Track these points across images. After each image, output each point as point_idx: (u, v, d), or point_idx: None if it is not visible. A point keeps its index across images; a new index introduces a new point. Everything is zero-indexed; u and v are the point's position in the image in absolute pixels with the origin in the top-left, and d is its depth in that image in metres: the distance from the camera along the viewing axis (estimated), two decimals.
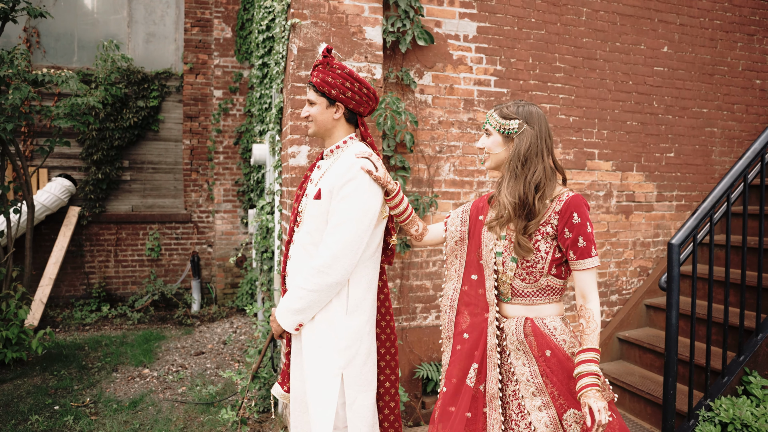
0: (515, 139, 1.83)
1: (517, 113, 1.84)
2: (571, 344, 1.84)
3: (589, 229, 1.77)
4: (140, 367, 5.09)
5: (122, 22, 7.40)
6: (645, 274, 4.42)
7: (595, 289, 1.81)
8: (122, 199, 7.29)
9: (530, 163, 1.81)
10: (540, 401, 1.82)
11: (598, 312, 1.79)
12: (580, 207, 1.78)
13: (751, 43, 4.71)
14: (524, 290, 1.88)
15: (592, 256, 1.78)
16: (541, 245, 1.82)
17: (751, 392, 3.21)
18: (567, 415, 1.79)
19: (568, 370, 1.80)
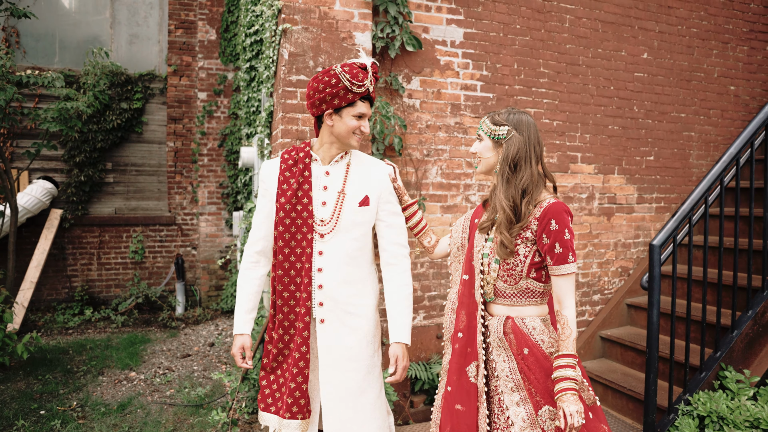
0: (504, 144, 1.92)
1: (507, 120, 1.92)
2: (550, 344, 1.91)
3: (566, 236, 1.82)
4: (126, 370, 5.06)
5: (105, 23, 7.34)
6: (626, 274, 4.54)
7: (571, 295, 1.86)
8: (105, 202, 7.22)
9: (519, 168, 1.89)
10: (518, 397, 1.90)
11: (574, 318, 1.85)
12: (559, 214, 1.83)
13: (726, 51, 4.87)
14: (506, 291, 1.96)
15: (569, 263, 1.83)
16: (521, 249, 1.90)
17: (727, 386, 3.34)
18: (542, 411, 1.86)
19: (546, 368, 1.87)
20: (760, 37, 5.04)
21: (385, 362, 3.38)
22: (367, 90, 2.01)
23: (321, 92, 1.98)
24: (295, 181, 2.05)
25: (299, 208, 2.03)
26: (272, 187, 2.10)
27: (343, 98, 1.98)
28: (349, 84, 1.96)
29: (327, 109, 2.01)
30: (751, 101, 5.04)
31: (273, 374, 2.06)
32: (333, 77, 1.97)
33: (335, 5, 3.43)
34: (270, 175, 2.12)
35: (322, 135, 2.11)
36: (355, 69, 1.99)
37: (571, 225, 1.85)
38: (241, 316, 2.05)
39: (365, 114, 2.04)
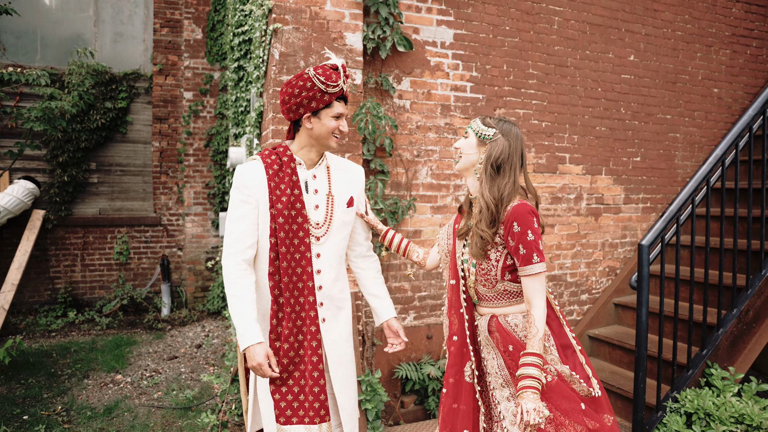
0: (488, 144, 1.98)
1: (497, 125, 2.00)
2: None
3: (530, 237, 1.86)
4: (112, 372, 4.99)
5: (88, 21, 7.24)
6: (613, 274, 4.60)
7: (540, 295, 1.89)
8: (89, 202, 7.12)
9: (503, 171, 1.94)
10: (508, 392, 1.96)
11: (542, 317, 1.88)
12: (522, 216, 1.87)
13: (709, 54, 4.95)
14: (486, 294, 2.04)
15: (534, 263, 1.86)
16: (492, 254, 1.96)
17: (713, 383, 3.40)
18: None
19: None
20: (741, 41, 5.13)
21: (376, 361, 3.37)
22: (342, 90, 2.05)
23: (297, 96, 2.00)
24: (287, 186, 2.02)
25: (293, 213, 2.02)
26: (260, 193, 2.01)
27: (320, 100, 2.00)
28: (324, 86, 1.98)
29: (305, 112, 2.03)
30: (733, 103, 5.13)
31: (285, 385, 1.99)
32: (307, 81, 1.99)
33: (326, 5, 3.42)
34: (255, 180, 2.01)
35: (300, 138, 2.12)
36: (327, 71, 2.01)
37: (536, 226, 1.88)
38: (252, 324, 1.91)
39: (343, 114, 2.08)
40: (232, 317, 1.94)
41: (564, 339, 2.02)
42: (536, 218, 1.90)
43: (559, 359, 1.94)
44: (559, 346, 2.00)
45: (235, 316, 1.93)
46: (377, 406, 3.30)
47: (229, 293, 1.96)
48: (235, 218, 2.00)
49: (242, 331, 1.91)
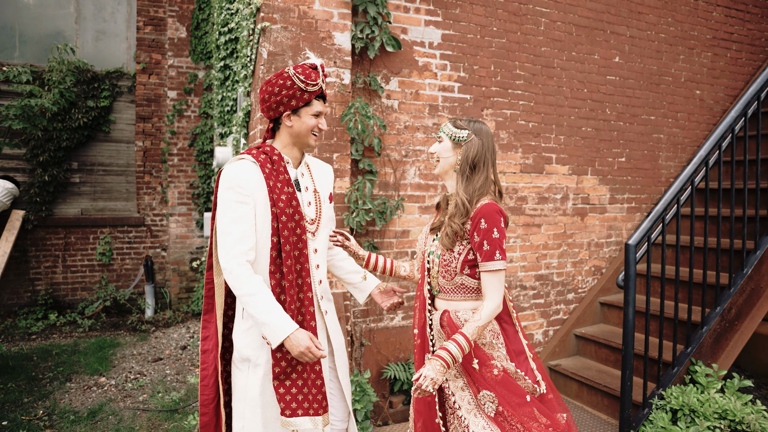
0: (464, 145, 2.06)
1: (468, 126, 2.08)
2: (482, 336, 2.04)
3: (495, 234, 1.92)
4: (96, 375, 4.91)
5: (69, 18, 7.12)
6: (599, 273, 4.64)
7: (497, 291, 1.95)
8: (71, 203, 7.00)
9: (478, 169, 2.04)
10: (461, 382, 2.04)
11: (491, 311, 1.94)
12: (490, 214, 1.93)
13: (692, 57, 5.03)
14: (445, 287, 2.11)
15: (495, 260, 1.92)
16: (456, 247, 2.03)
17: (697, 380, 3.45)
18: (481, 395, 1.98)
19: (481, 358, 2.01)
20: (722, 44, 5.22)
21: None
22: (321, 88, 2.09)
23: (277, 95, 2.03)
24: (283, 184, 2.05)
25: (291, 211, 2.03)
26: (258, 192, 2.00)
27: (300, 99, 2.04)
28: (303, 84, 2.02)
29: (285, 110, 2.06)
30: (715, 105, 5.22)
31: (289, 379, 2.00)
32: (287, 79, 2.03)
33: (315, 5, 3.41)
34: (252, 180, 1.99)
35: (281, 137, 2.15)
36: (307, 70, 2.05)
37: (502, 225, 1.94)
38: (284, 313, 1.91)
39: (322, 112, 2.13)
40: (257, 315, 1.90)
41: (518, 345, 2.10)
42: (503, 218, 1.96)
43: (506, 357, 2.03)
44: (511, 351, 2.08)
45: (261, 312, 1.90)
46: (366, 406, 3.29)
47: (244, 293, 1.91)
48: (233, 220, 1.96)
49: (276, 323, 1.89)
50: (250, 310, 1.91)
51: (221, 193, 1.99)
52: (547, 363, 4.31)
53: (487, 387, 1.97)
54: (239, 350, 2.09)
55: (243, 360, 2.09)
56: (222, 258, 1.95)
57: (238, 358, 2.11)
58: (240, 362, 2.11)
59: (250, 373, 2.06)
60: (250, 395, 2.05)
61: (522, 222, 4.27)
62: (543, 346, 4.40)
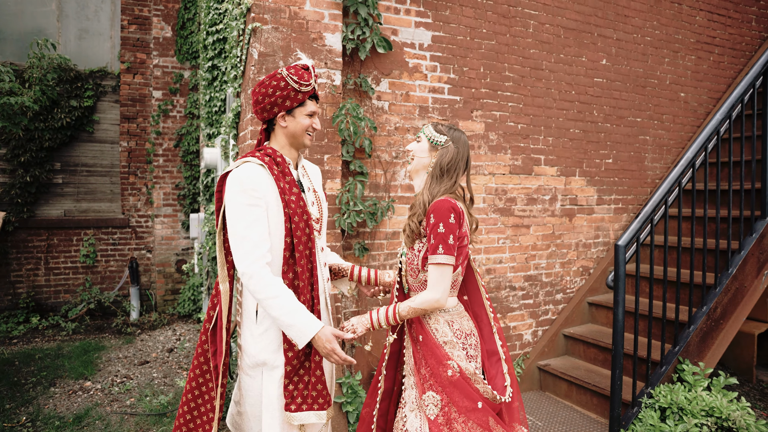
0: (440, 150, 2.12)
1: (447, 132, 2.14)
2: (444, 334, 2.05)
3: (440, 229, 1.96)
4: (81, 379, 4.83)
5: (51, 16, 6.99)
6: (587, 274, 4.69)
7: (438, 284, 1.99)
8: (54, 204, 6.88)
9: (448, 175, 2.09)
10: (412, 380, 2.09)
11: (425, 302, 2.00)
12: (438, 210, 1.98)
13: (676, 60, 5.11)
14: (413, 285, 2.16)
15: (438, 254, 1.96)
16: (416, 245, 2.11)
17: (685, 379, 3.50)
18: (426, 396, 2.01)
19: (437, 356, 2.02)
20: (705, 48, 5.30)
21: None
22: (314, 89, 2.13)
23: (271, 96, 2.06)
24: (290, 185, 2.08)
25: (299, 211, 2.06)
26: (270, 195, 2.01)
27: (294, 99, 2.07)
28: (297, 85, 2.06)
29: (279, 111, 2.09)
30: (698, 107, 5.30)
31: (297, 375, 2.02)
32: (281, 80, 2.06)
33: (305, 5, 3.39)
34: (263, 182, 2.01)
35: (278, 139, 2.17)
36: (299, 70, 2.08)
37: (451, 221, 1.96)
38: (309, 312, 1.95)
39: (315, 111, 2.15)
40: (282, 316, 1.91)
41: (491, 345, 2.14)
42: (455, 214, 1.98)
43: (465, 356, 2.03)
44: (485, 351, 2.12)
45: (286, 313, 1.92)
46: (358, 408, 3.28)
47: (268, 295, 1.92)
48: (248, 223, 1.96)
49: (303, 323, 1.92)
50: (274, 312, 1.92)
51: (232, 197, 1.98)
52: (537, 363, 4.35)
53: (436, 388, 1.99)
54: (253, 356, 2.06)
55: (257, 365, 2.06)
56: (241, 263, 1.94)
57: (249, 364, 2.08)
58: (251, 368, 2.08)
59: (266, 377, 2.05)
60: (267, 400, 2.04)
61: (511, 223, 4.30)
62: (532, 347, 4.43)
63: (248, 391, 2.11)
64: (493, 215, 4.21)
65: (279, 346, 2.04)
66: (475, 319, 2.18)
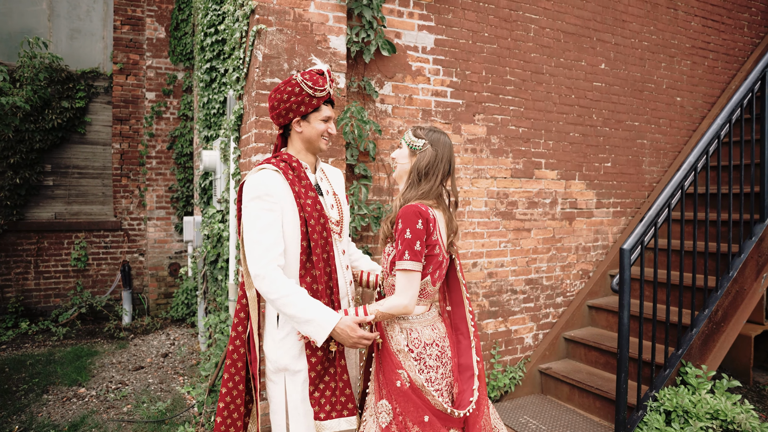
0: (418, 154, 2.07)
1: (426, 135, 2.08)
2: (397, 342, 2.01)
3: (407, 235, 1.92)
4: (74, 386, 4.75)
5: (41, 15, 6.88)
6: (586, 277, 4.71)
7: (404, 291, 1.95)
8: (44, 206, 6.76)
9: (427, 179, 2.04)
10: (373, 386, 2.07)
11: (393, 304, 1.97)
12: (405, 215, 1.94)
13: (672, 64, 5.16)
14: (386, 287, 2.15)
15: (404, 260, 1.92)
16: (387, 248, 2.10)
17: (688, 382, 3.52)
18: (380, 403, 1.98)
19: (390, 363, 1.99)
20: (700, 53, 5.36)
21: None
22: (329, 93, 2.12)
23: (286, 102, 2.06)
24: (307, 189, 2.08)
25: (316, 215, 2.06)
26: (285, 199, 2.02)
27: (308, 104, 2.07)
28: (311, 90, 2.06)
29: (294, 116, 2.09)
30: (694, 112, 5.36)
31: (322, 382, 2.00)
32: (295, 86, 2.06)
33: (310, 7, 3.37)
34: (278, 187, 2.01)
35: (294, 144, 2.17)
36: (314, 76, 2.08)
37: (418, 227, 1.91)
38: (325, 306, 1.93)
39: (331, 117, 2.15)
40: (298, 314, 1.88)
41: (467, 360, 2.06)
42: (423, 220, 1.92)
43: (417, 367, 1.98)
44: (456, 364, 2.07)
45: (301, 310, 1.88)
46: None
47: (281, 295, 1.89)
48: (262, 228, 1.95)
49: (321, 316, 1.89)
50: (289, 311, 1.89)
51: (247, 203, 1.99)
52: (538, 366, 4.35)
53: (388, 396, 1.96)
54: (274, 361, 2.06)
55: (278, 371, 2.06)
56: (253, 265, 1.92)
57: (272, 369, 2.08)
58: (273, 374, 2.08)
59: (288, 382, 2.04)
60: (291, 405, 2.03)
61: (512, 227, 4.30)
62: (533, 350, 4.43)
63: (272, 397, 2.11)
64: (495, 219, 4.21)
65: (301, 351, 2.03)
66: (454, 330, 2.14)
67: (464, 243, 4.08)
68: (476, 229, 4.13)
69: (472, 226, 4.11)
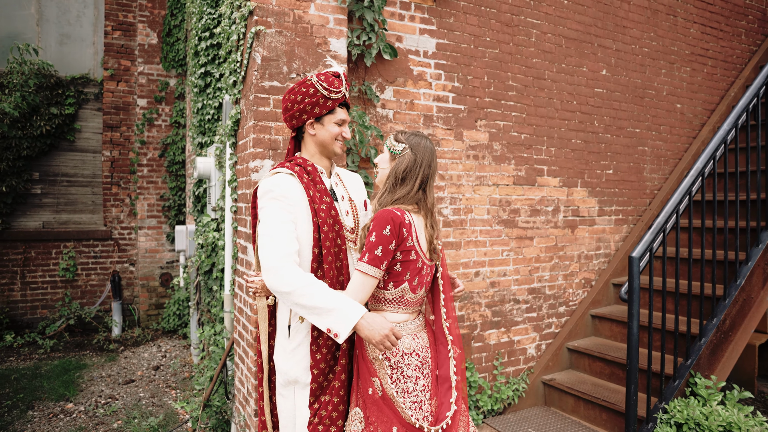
0: (397, 159, 2.03)
1: (406, 140, 2.04)
2: (373, 350, 1.93)
3: (372, 238, 1.87)
4: (62, 401, 4.57)
5: (30, 19, 6.75)
6: (589, 286, 4.63)
7: (357, 291, 1.87)
8: (31, 215, 6.59)
9: (404, 183, 1.99)
10: (355, 394, 2.00)
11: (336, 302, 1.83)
12: (377, 219, 1.89)
13: (672, 71, 5.13)
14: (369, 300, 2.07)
15: (362, 261, 1.87)
16: None
17: (698, 393, 3.44)
18: (354, 411, 1.94)
19: (366, 371, 1.93)
20: (699, 60, 5.34)
21: None
22: (344, 96, 2.07)
23: (300, 103, 2.01)
24: (321, 194, 2.02)
25: (330, 221, 1.99)
26: (300, 204, 1.95)
27: (323, 106, 2.02)
28: (327, 92, 2.01)
29: (308, 118, 2.04)
30: (694, 119, 5.33)
31: (324, 394, 1.94)
32: (310, 87, 2.01)
33: (310, 9, 3.28)
34: (293, 191, 1.95)
35: (308, 147, 2.12)
36: (329, 77, 2.04)
37: (385, 233, 1.85)
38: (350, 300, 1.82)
39: (345, 120, 2.09)
40: (320, 303, 1.75)
41: (445, 371, 1.99)
42: (392, 226, 1.86)
43: (391, 376, 1.91)
44: (435, 376, 1.99)
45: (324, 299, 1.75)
46: None
47: (299, 286, 1.76)
48: (277, 225, 1.86)
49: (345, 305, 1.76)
50: (309, 300, 1.75)
51: (264, 204, 1.92)
52: (541, 378, 4.25)
53: (362, 404, 1.92)
54: (285, 373, 1.97)
55: (288, 383, 1.97)
56: (266, 259, 1.81)
57: (281, 382, 2.00)
58: (284, 387, 1.99)
59: (299, 395, 1.96)
60: (300, 420, 1.95)
61: (515, 235, 4.21)
62: (536, 361, 4.34)
63: (281, 413, 2.02)
64: (498, 227, 4.13)
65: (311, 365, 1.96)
66: (436, 341, 2.07)
67: (466, 252, 3.99)
68: (478, 237, 4.04)
69: (474, 234, 4.02)
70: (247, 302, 3.32)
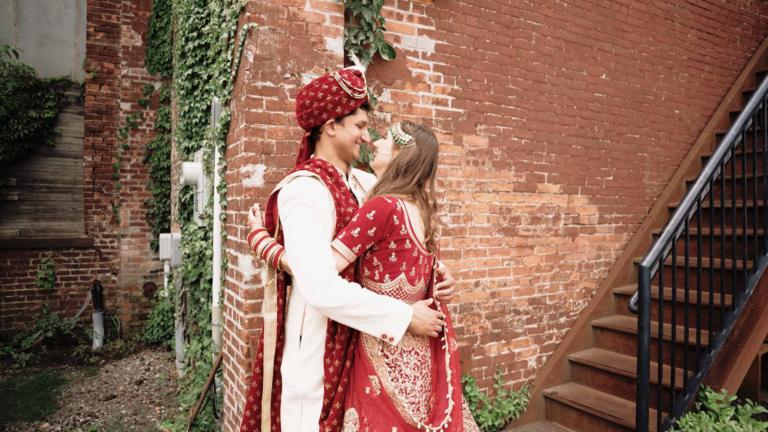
0: (401, 149, 1.97)
1: (414, 132, 1.99)
2: (371, 345, 1.86)
3: (354, 219, 1.83)
4: (36, 420, 4.32)
5: (7, 19, 6.50)
6: (589, 295, 4.50)
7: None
8: (7, 222, 6.31)
9: (404, 176, 1.94)
10: (349, 394, 1.91)
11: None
12: (366, 204, 1.85)
13: (670, 76, 5.05)
14: None
15: (338, 238, 1.82)
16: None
17: (709, 407, 3.31)
18: (348, 412, 1.84)
19: (362, 368, 1.84)
20: (696, 65, 5.28)
21: None
22: (366, 97, 1.98)
23: (321, 101, 1.90)
24: (345, 197, 1.91)
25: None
26: (327, 208, 1.83)
27: (345, 106, 1.91)
28: (351, 91, 1.91)
29: (328, 118, 1.93)
30: (692, 124, 5.25)
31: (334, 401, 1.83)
32: (333, 84, 1.90)
33: (305, 6, 3.12)
34: (321, 195, 1.83)
35: (325, 149, 2.00)
36: (352, 76, 1.94)
37: (368, 217, 1.80)
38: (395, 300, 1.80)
39: (366, 122, 2.01)
40: (377, 310, 1.73)
41: (441, 365, 1.93)
42: (377, 212, 1.80)
43: (390, 374, 1.82)
44: (434, 371, 1.93)
45: (379, 305, 1.74)
46: None
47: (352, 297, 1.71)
48: (313, 233, 1.75)
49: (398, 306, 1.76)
50: (364, 312, 1.71)
51: (292, 211, 1.78)
52: (543, 391, 4.10)
53: (357, 404, 1.82)
54: (292, 386, 1.83)
55: (295, 398, 1.84)
56: (311, 271, 1.69)
57: (288, 396, 1.86)
58: (290, 402, 1.86)
59: (306, 411, 1.82)
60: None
61: (516, 243, 4.07)
62: (537, 374, 4.19)
63: (285, 430, 1.87)
64: (498, 235, 3.98)
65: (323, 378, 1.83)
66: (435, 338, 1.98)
67: (466, 261, 3.83)
68: (478, 246, 3.89)
69: (474, 243, 3.87)
70: (237, 315, 3.13)
